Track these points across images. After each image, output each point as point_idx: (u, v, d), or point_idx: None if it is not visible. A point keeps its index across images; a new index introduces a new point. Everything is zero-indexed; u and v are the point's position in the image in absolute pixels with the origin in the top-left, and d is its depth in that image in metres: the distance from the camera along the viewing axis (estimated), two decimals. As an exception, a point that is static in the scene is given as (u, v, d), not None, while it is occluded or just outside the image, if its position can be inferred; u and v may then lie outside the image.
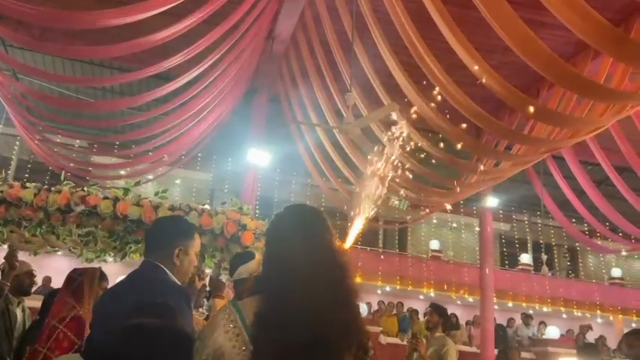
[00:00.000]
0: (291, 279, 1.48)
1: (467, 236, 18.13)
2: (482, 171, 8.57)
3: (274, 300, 1.46)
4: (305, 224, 1.63)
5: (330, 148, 9.66)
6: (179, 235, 2.10)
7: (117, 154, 12.69)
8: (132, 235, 3.40)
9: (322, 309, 1.43)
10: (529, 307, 15.50)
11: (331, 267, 1.54)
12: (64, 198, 3.08)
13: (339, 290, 1.50)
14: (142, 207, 3.18)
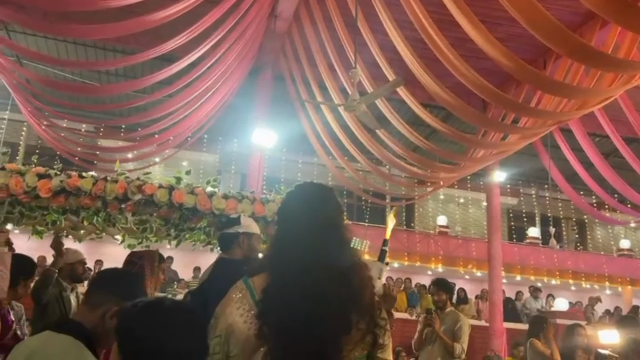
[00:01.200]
0: (294, 256, 1.51)
1: (474, 211, 18.11)
2: (489, 145, 8.54)
3: (278, 277, 1.49)
4: (310, 202, 1.65)
5: (336, 126, 9.64)
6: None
7: (124, 137, 12.72)
8: (187, 223, 3.44)
9: (324, 287, 1.45)
10: (537, 280, 15.55)
11: (334, 245, 1.55)
12: (121, 187, 3.15)
13: (341, 267, 1.51)
14: (197, 195, 3.22)
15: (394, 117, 8.22)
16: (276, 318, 1.43)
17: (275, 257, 1.58)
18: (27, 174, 3.11)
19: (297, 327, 1.42)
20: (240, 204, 3.30)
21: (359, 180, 12.23)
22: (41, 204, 3.32)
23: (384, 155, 9.37)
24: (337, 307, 1.45)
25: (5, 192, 3.03)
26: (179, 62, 7.87)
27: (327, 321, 1.43)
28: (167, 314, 1.13)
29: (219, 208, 3.27)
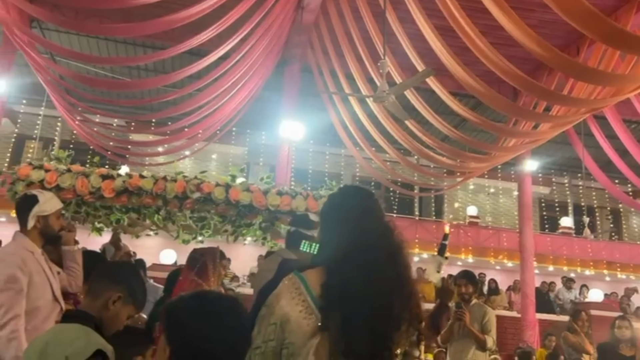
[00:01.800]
0: (353, 256, 1.59)
1: (505, 201, 17.87)
2: (520, 134, 8.41)
3: (338, 274, 1.58)
4: (363, 204, 1.75)
5: (363, 117, 9.61)
6: None
7: (154, 132, 12.94)
8: (243, 219, 3.54)
9: (383, 284, 1.56)
10: (571, 270, 15.28)
11: (389, 245, 1.65)
12: (180, 186, 3.31)
13: (396, 265, 1.61)
14: (252, 192, 3.33)
15: (423, 107, 8.16)
16: (341, 313, 1.52)
17: (337, 255, 1.64)
18: (92, 175, 3.25)
19: (360, 321, 1.51)
20: (294, 200, 3.39)
21: (387, 171, 12.18)
22: (105, 203, 3.46)
23: (413, 146, 9.31)
24: (398, 305, 1.56)
25: (72, 193, 3.17)
26: (208, 56, 7.95)
27: (388, 317, 1.54)
28: (213, 303, 1.17)
29: (273, 204, 3.38)
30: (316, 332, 1.53)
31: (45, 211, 2.66)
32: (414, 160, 13.00)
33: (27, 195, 2.76)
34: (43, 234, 2.66)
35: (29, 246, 2.59)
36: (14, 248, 2.56)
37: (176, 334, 1.14)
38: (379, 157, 10.97)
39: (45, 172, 3.22)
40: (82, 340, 1.69)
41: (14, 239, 2.64)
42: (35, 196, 2.70)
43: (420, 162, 13.57)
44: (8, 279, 2.41)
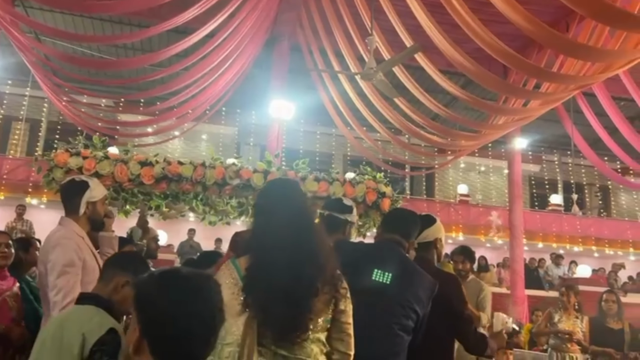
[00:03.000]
0: (272, 243, 1.85)
1: (495, 179, 17.94)
2: (510, 111, 8.40)
3: (258, 259, 1.86)
4: (286, 197, 1.98)
5: (354, 96, 9.55)
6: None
7: (143, 111, 12.81)
8: None
9: (298, 264, 1.81)
10: (560, 247, 15.44)
11: (306, 230, 1.90)
12: (219, 173, 3.36)
13: (307, 250, 1.85)
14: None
15: (413, 85, 8.11)
16: (260, 291, 1.79)
17: (258, 242, 1.91)
18: (130, 162, 3.25)
19: (276, 294, 1.77)
20: (331, 186, 3.43)
21: (378, 150, 12.17)
22: (144, 190, 3.46)
23: (403, 124, 9.29)
24: (309, 274, 1.81)
25: (110, 179, 3.18)
26: (195, 33, 7.84)
27: (302, 285, 1.79)
28: (183, 281, 1.15)
29: (311, 190, 3.41)
30: (243, 311, 1.80)
31: (95, 197, 2.69)
32: (405, 139, 12.99)
33: (77, 180, 2.75)
34: (90, 219, 2.70)
35: (78, 231, 2.62)
36: (68, 233, 2.58)
37: (145, 312, 1.12)
38: (369, 137, 10.94)
39: (83, 159, 3.19)
40: (97, 319, 1.93)
41: (62, 225, 2.65)
42: (86, 182, 2.71)
43: (412, 141, 13.57)
44: (67, 263, 2.44)
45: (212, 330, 1.17)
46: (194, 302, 1.12)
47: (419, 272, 2.42)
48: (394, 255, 2.42)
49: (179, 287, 1.14)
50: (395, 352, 2.28)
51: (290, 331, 1.79)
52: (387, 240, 2.48)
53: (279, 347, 1.80)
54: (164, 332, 1.11)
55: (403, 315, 2.30)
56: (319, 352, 1.86)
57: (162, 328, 1.11)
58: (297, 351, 1.81)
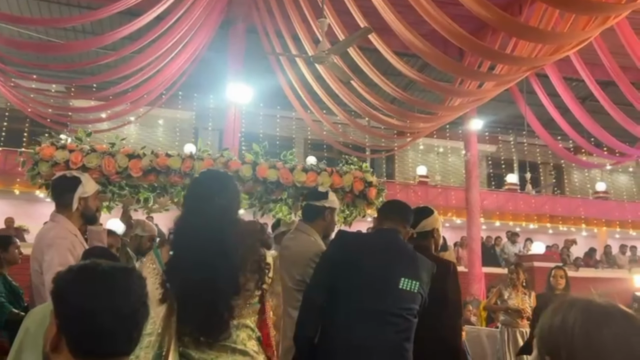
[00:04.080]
0: (187, 241, 1.87)
1: (454, 160, 18.24)
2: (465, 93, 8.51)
3: (177, 250, 1.88)
4: (207, 190, 1.98)
5: (311, 79, 9.48)
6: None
7: (96, 96, 12.39)
8: (271, 195, 3.62)
9: (213, 260, 1.81)
10: (516, 225, 15.87)
11: (225, 226, 1.90)
12: (208, 164, 3.33)
13: (228, 243, 1.85)
14: (279, 169, 3.47)
15: (369, 68, 8.11)
16: (175, 284, 1.81)
17: (177, 234, 1.93)
18: (117, 155, 3.23)
19: (191, 291, 1.78)
20: (319, 176, 3.44)
21: (338, 133, 12.16)
22: (132, 182, 3.40)
23: (361, 108, 9.29)
24: (225, 274, 1.81)
25: (98, 172, 3.12)
26: (145, 15, 7.61)
27: (217, 285, 1.79)
28: (101, 274, 1.11)
29: (300, 181, 3.41)
30: (164, 301, 1.80)
31: (87, 192, 2.70)
32: (365, 122, 13.03)
33: (68, 176, 2.74)
34: (83, 215, 2.70)
35: (71, 228, 2.62)
36: (62, 231, 2.56)
37: (62, 308, 1.08)
38: (329, 120, 10.92)
39: (70, 152, 3.10)
40: None
41: (54, 221, 2.63)
42: (78, 178, 2.71)
43: (371, 124, 13.63)
44: (62, 263, 2.41)
45: (135, 325, 1.12)
46: (112, 297, 1.08)
47: (420, 257, 2.51)
48: (396, 243, 2.51)
49: (97, 281, 1.09)
50: (408, 337, 2.35)
51: (208, 329, 1.81)
52: (388, 229, 2.57)
53: (202, 336, 1.82)
54: (82, 328, 1.06)
55: (411, 300, 2.38)
56: (246, 337, 1.88)
57: (79, 324, 1.06)
58: (220, 338, 1.83)
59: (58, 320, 1.07)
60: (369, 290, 2.34)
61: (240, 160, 3.54)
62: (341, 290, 2.36)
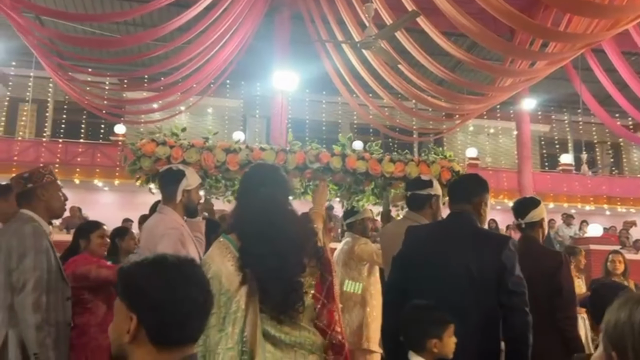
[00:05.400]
0: (250, 227, 2.04)
1: (505, 141, 17.80)
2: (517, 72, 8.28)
3: (249, 238, 2.03)
4: (260, 182, 2.12)
5: (358, 63, 9.44)
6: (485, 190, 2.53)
7: (148, 88, 12.77)
8: (359, 186, 3.72)
9: (282, 244, 2.00)
10: (571, 207, 15.38)
11: (285, 210, 2.10)
12: (300, 157, 3.45)
13: (283, 233, 2.02)
14: (367, 161, 3.53)
15: (416, 50, 8.00)
16: (252, 268, 1.98)
17: (245, 222, 2.08)
18: (215, 150, 3.39)
19: (268, 272, 1.96)
20: (407, 166, 3.53)
21: (384, 117, 12.09)
22: (228, 176, 3.60)
23: (409, 91, 9.20)
24: (292, 255, 2.01)
25: (197, 167, 3.32)
26: (195, 6, 7.76)
27: (288, 265, 1.98)
28: (173, 266, 1.18)
29: (388, 171, 3.50)
30: (243, 283, 1.97)
31: (190, 185, 2.80)
32: (412, 105, 12.89)
33: (174, 170, 2.86)
34: (186, 207, 2.80)
35: (178, 219, 2.71)
36: (172, 222, 2.66)
37: (140, 300, 1.14)
38: (375, 104, 10.86)
39: (170, 148, 3.31)
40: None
41: (162, 212, 2.74)
42: (182, 171, 2.82)
43: (418, 106, 13.46)
44: (174, 252, 2.47)
45: (206, 312, 1.20)
46: (187, 287, 1.15)
47: (489, 236, 2.42)
48: (464, 227, 2.39)
49: (172, 273, 1.16)
50: (488, 332, 2.24)
51: (287, 305, 1.97)
52: (456, 214, 2.48)
53: (278, 314, 1.98)
54: (162, 318, 1.13)
55: (485, 288, 2.22)
56: (308, 316, 2.04)
57: (160, 314, 1.13)
58: (289, 315, 2.00)
59: (136, 312, 1.14)
60: (431, 286, 2.24)
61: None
62: (411, 291, 2.30)
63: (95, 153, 13.34)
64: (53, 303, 2.53)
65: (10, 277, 2.46)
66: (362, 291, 4.01)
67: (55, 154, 13.08)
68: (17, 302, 2.43)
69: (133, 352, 1.16)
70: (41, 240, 2.53)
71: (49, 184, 2.69)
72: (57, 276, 2.61)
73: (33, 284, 2.43)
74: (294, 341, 1.98)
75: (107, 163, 13.05)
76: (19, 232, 2.52)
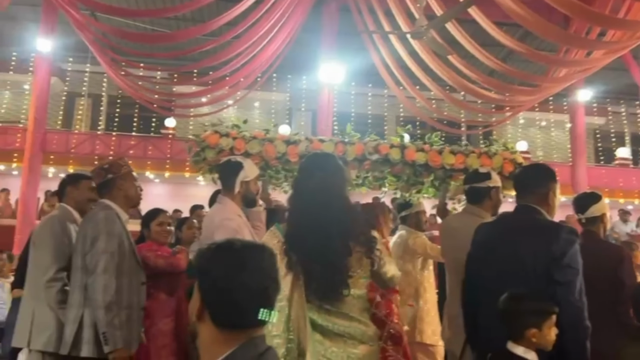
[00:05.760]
0: (302, 212, 2.09)
1: (557, 134, 17.24)
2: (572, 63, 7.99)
3: (293, 226, 2.09)
4: (319, 166, 2.16)
5: (405, 55, 9.33)
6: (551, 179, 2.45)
7: (197, 82, 13.02)
8: (418, 178, 3.75)
9: (322, 230, 2.00)
10: (628, 202, 14.75)
11: (328, 203, 2.06)
12: (359, 149, 3.51)
13: (332, 217, 2.02)
14: (427, 152, 3.58)
15: (467, 40, 7.84)
16: (297, 252, 2.02)
17: (291, 211, 2.15)
18: (276, 141, 3.51)
19: (311, 256, 1.99)
20: (467, 158, 3.52)
21: (432, 109, 11.91)
22: (289, 167, 3.69)
23: (457, 81, 9.03)
24: (339, 239, 2.00)
25: (258, 158, 3.44)
26: (243, 1, 7.84)
27: (333, 248, 1.98)
28: (236, 253, 1.21)
29: (448, 163, 3.50)
30: (289, 270, 2.00)
31: (248, 177, 2.87)
32: (460, 97, 12.64)
33: (232, 161, 2.94)
34: (244, 197, 2.87)
35: (236, 210, 2.80)
36: (228, 213, 2.76)
37: (204, 282, 1.19)
38: (422, 96, 10.72)
39: (233, 140, 3.38)
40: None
41: (221, 203, 2.84)
42: (241, 163, 2.89)
43: (467, 98, 13.19)
44: None
45: (266, 300, 1.22)
46: (244, 275, 1.18)
47: (544, 227, 2.35)
48: (527, 220, 2.37)
49: (231, 259, 1.20)
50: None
51: (331, 288, 1.97)
52: (521, 206, 2.44)
53: (323, 301, 1.98)
54: (219, 302, 1.18)
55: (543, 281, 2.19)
56: (361, 307, 2.03)
57: (217, 298, 1.18)
58: (340, 306, 1.98)
59: (201, 293, 1.19)
60: (502, 282, 2.21)
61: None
62: (485, 289, 2.29)
63: (147, 146, 13.72)
64: (127, 286, 2.67)
65: (84, 260, 2.63)
66: (416, 285, 3.99)
67: (109, 146, 13.53)
68: (88, 283, 2.58)
69: (201, 330, 1.21)
70: (113, 225, 2.68)
71: (126, 174, 2.86)
72: (132, 261, 2.76)
73: (103, 266, 2.57)
74: (343, 331, 1.97)
75: (158, 155, 13.42)
76: (94, 218, 2.70)
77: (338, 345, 1.96)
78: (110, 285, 2.55)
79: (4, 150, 13.06)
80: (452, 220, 3.36)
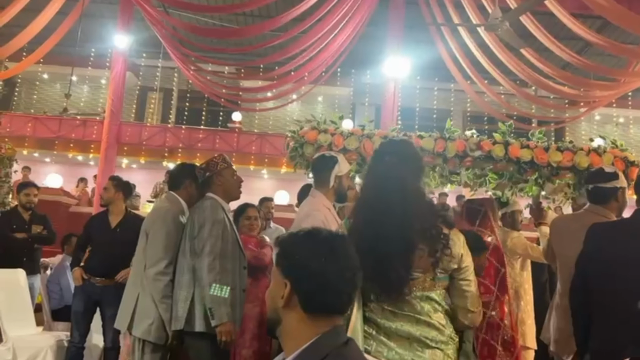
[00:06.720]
0: (365, 198, 1.99)
1: (636, 131, 16.30)
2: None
3: (355, 216, 2.00)
4: (390, 151, 2.04)
5: (475, 48, 9.08)
6: None
7: (263, 77, 13.26)
8: (522, 175, 3.63)
9: (382, 225, 1.88)
10: None
11: (390, 196, 1.91)
12: (460, 145, 3.46)
13: (394, 212, 1.88)
14: (533, 149, 3.46)
15: (541, 33, 7.54)
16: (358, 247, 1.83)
17: (358, 200, 2.06)
18: (373, 138, 3.51)
19: (367, 249, 1.79)
20: (576, 155, 3.44)
21: (502, 104, 11.55)
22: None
23: (530, 76, 8.70)
24: (398, 230, 1.85)
25: (356, 154, 3.48)
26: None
27: (389, 239, 1.85)
28: (329, 240, 1.23)
29: (555, 160, 3.43)
30: None
31: (342, 171, 2.92)
32: (532, 92, 12.19)
33: (327, 156, 2.99)
34: (337, 192, 2.94)
35: (326, 203, 2.88)
36: (317, 205, 2.85)
37: (294, 269, 1.20)
38: (492, 90, 10.41)
39: (332, 136, 3.50)
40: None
41: (313, 196, 2.93)
42: (335, 157, 2.95)
43: (539, 93, 12.70)
44: None
45: (354, 287, 1.23)
46: (338, 260, 1.20)
47: None
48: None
49: (325, 246, 1.21)
50: None
51: (390, 288, 1.85)
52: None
53: (385, 303, 1.88)
54: (312, 288, 1.19)
55: None
56: (431, 309, 1.90)
57: (310, 284, 1.19)
58: (404, 307, 1.87)
59: (290, 280, 1.20)
60: (619, 288, 2.13)
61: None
62: (599, 293, 2.20)
63: (215, 139, 14.13)
64: (231, 269, 2.88)
65: (192, 244, 2.87)
66: (516, 286, 3.86)
67: (179, 139, 14.03)
68: (196, 264, 2.83)
69: (286, 316, 1.22)
70: (217, 213, 2.91)
71: (223, 170, 3.05)
72: (235, 246, 2.97)
73: (209, 248, 2.81)
74: (410, 334, 1.87)
75: (225, 148, 13.79)
76: (201, 207, 2.95)
77: (404, 347, 1.88)
78: (214, 266, 2.78)
79: (82, 141, 13.83)
80: (570, 220, 3.14)
